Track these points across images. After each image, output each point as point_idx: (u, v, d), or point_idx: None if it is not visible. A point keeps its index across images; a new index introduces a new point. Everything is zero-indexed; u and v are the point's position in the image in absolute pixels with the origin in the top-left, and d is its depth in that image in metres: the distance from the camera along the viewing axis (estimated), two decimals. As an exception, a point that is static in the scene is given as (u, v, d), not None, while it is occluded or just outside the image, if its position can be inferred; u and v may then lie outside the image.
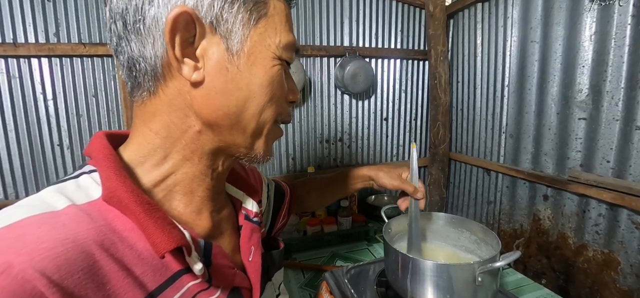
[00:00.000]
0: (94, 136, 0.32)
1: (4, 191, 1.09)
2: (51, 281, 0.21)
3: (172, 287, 0.29)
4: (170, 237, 0.28)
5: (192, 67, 0.29)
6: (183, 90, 0.30)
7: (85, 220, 0.25)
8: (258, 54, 0.31)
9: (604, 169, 0.90)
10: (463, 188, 1.48)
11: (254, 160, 0.36)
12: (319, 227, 1.16)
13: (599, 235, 0.93)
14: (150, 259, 0.28)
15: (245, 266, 0.40)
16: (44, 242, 0.22)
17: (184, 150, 0.33)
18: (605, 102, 0.88)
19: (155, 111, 0.31)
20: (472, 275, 0.52)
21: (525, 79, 1.11)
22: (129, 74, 0.31)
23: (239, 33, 0.30)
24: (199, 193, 0.35)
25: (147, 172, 0.32)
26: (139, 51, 0.29)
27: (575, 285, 1.00)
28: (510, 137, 1.20)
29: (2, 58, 1.03)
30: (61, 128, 1.12)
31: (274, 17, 0.32)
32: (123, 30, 0.29)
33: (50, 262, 0.21)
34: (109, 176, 0.28)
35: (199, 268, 0.30)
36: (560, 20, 0.98)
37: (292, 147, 1.39)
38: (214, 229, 0.37)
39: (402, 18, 1.45)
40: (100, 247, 0.25)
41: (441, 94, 1.45)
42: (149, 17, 0.28)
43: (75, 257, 0.23)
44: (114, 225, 0.27)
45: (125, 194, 0.27)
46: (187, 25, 0.28)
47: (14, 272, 0.20)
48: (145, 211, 0.28)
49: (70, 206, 0.26)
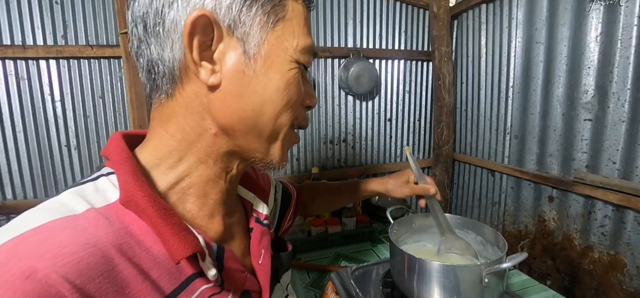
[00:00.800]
0: (111, 137, 0.33)
1: (12, 191, 1.11)
2: (74, 286, 0.21)
3: (186, 290, 0.29)
4: (186, 243, 0.28)
5: (209, 70, 0.29)
6: (200, 93, 0.30)
7: (104, 223, 0.26)
8: (275, 57, 0.31)
9: (610, 170, 0.89)
10: (467, 189, 1.48)
11: (269, 165, 0.36)
12: (323, 228, 1.17)
13: (605, 237, 0.92)
14: (166, 263, 0.28)
15: (255, 269, 0.40)
16: (66, 246, 0.22)
17: (199, 153, 0.33)
18: (611, 103, 0.88)
19: (172, 113, 0.31)
20: (479, 276, 0.52)
21: (530, 80, 1.11)
22: (148, 77, 0.32)
23: (257, 36, 0.30)
24: (212, 196, 0.35)
25: (162, 174, 0.32)
26: (157, 54, 0.30)
27: (581, 286, 0.99)
28: (515, 137, 1.19)
29: (11, 60, 1.04)
30: (69, 129, 1.13)
31: (292, 20, 0.32)
32: (143, 33, 0.30)
33: (72, 266, 0.22)
34: (127, 180, 0.28)
35: (212, 274, 0.31)
36: (566, 21, 0.97)
37: (296, 148, 1.40)
38: (226, 233, 0.37)
39: (406, 19, 1.45)
40: (119, 251, 0.25)
41: (445, 94, 1.45)
42: (168, 20, 0.28)
43: (95, 261, 0.23)
44: (131, 228, 0.27)
45: (142, 199, 0.28)
46: (205, 28, 0.28)
47: (39, 276, 0.20)
48: (161, 216, 0.28)
49: (90, 209, 0.26)
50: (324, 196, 0.72)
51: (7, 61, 1.04)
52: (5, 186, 1.10)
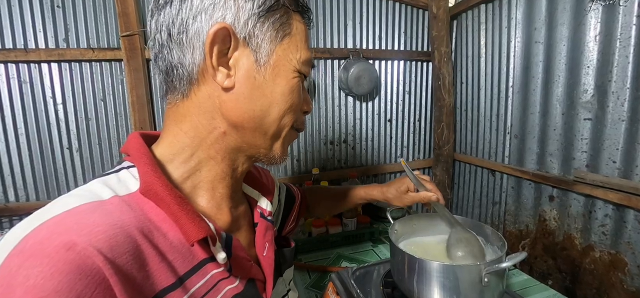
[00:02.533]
0: (130, 135, 0.36)
1: (15, 194, 1.12)
2: (107, 258, 0.24)
3: (198, 273, 0.32)
4: (200, 227, 0.31)
5: (225, 74, 0.34)
6: (213, 94, 0.34)
7: (127, 209, 0.29)
8: (281, 66, 0.36)
9: (610, 170, 0.89)
10: (467, 189, 1.48)
11: (271, 160, 0.40)
12: (324, 228, 1.17)
13: (606, 236, 0.92)
14: (180, 247, 0.31)
15: (260, 260, 0.43)
16: (98, 225, 0.25)
17: (209, 150, 0.36)
18: (611, 102, 0.88)
19: (186, 113, 0.35)
20: (479, 276, 0.53)
21: (529, 80, 1.11)
22: (166, 78, 0.35)
23: (267, 48, 0.35)
24: (219, 190, 0.39)
25: (176, 168, 0.36)
26: (178, 58, 0.33)
27: (582, 286, 0.99)
28: (515, 137, 1.20)
29: (14, 63, 1.05)
30: (70, 131, 1.14)
31: (296, 36, 0.37)
32: (167, 39, 0.33)
33: (105, 242, 0.25)
34: (146, 171, 0.32)
35: (222, 257, 0.34)
36: (565, 21, 0.98)
37: (297, 149, 1.40)
38: (233, 224, 0.41)
39: (406, 20, 1.45)
40: (141, 233, 0.28)
41: (445, 94, 1.45)
42: (192, 30, 0.32)
43: (123, 240, 0.26)
44: (150, 215, 0.30)
45: (160, 188, 0.31)
46: (225, 38, 0.32)
47: (78, 248, 0.23)
48: (178, 203, 0.31)
49: (114, 197, 0.29)
50: (327, 201, 0.77)
51: (9, 64, 1.05)
52: (8, 188, 1.11)
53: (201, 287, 0.32)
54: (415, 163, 1.59)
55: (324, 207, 0.76)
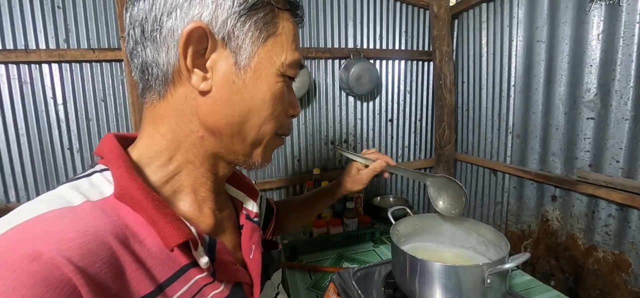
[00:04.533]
0: (104, 137, 0.34)
1: (16, 194, 1.12)
2: (77, 268, 0.22)
3: (180, 279, 0.31)
4: (179, 231, 0.30)
5: (201, 77, 0.31)
6: (190, 96, 0.32)
7: (101, 214, 0.27)
8: (263, 70, 0.33)
9: (614, 169, 0.89)
10: (469, 189, 1.47)
11: (252, 166, 0.38)
12: (325, 229, 1.17)
13: (609, 236, 0.91)
14: (159, 254, 0.29)
15: (247, 263, 0.41)
16: (68, 232, 0.23)
17: (187, 154, 0.34)
18: (614, 101, 0.87)
19: (163, 114, 0.33)
20: (481, 277, 0.52)
21: (531, 79, 1.10)
22: (141, 77, 0.33)
23: (248, 49, 0.32)
24: (201, 193, 0.37)
25: (153, 172, 0.33)
26: (152, 57, 0.31)
27: (585, 286, 0.98)
28: (516, 137, 1.19)
29: (14, 64, 1.05)
30: (71, 132, 1.14)
31: (282, 36, 0.34)
32: (140, 36, 0.31)
33: (75, 250, 0.23)
34: (121, 174, 0.29)
35: (204, 261, 0.32)
36: (567, 20, 0.97)
37: (297, 149, 1.40)
38: (217, 227, 0.39)
39: (407, 19, 1.45)
40: (116, 239, 0.26)
41: (446, 94, 1.45)
42: (166, 27, 0.30)
43: (95, 247, 0.24)
44: (126, 220, 0.28)
45: (136, 191, 0.29)
46: (200, 38, 0.30)
47: (44, 258, 0.21)
48: (155, 207, 0.29)
49: (86, 202, 0.27)
50: (295, 210, 0.72)
51: (10, 65, 1.05)
52: (9, 188, 1.11)
53: (184, 294, 0.30)
54: (417, 163, 1.59)
55: (293, 218, 0.72)
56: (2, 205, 1.10)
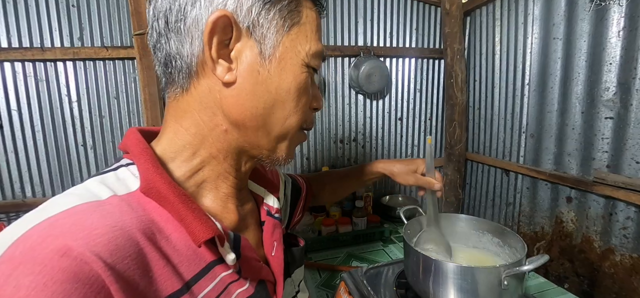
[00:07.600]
0: (128, 131, 0.33)
1: (32, 190, 1.14)
2: (106, 264, 0.22)
3: (207, 277, 0.30)
4: (207, 226, 0.29)
5: (226, 68, 0.30)
6: (214, 88, 0.31)
7: (128, 209, 0.26)
8: (288, 60, 0.32)
9: (633, 170, 0.86)
10: (480, 189, 1.45)
11: (275, 162, 0.37)
12: (334, 227, 1.16)
13: (627, 239, 0.89)
14: (185, 250, 0.29)
15: (269, 260, 0.40)
16: (97, 228, 0.23)
17: (211, 148, 0.34)
18: (635, 100, 0.84)
19: (186, 108, 0.32)
20: (498, 279, 0.51)
21: (547, 77, 1.08)
22: (165, 70, 0.33)
23: (273, 38, 0.31)
24: (223, 189, 0.36)
25: (178, 167, 0.33)
26: (176, 49, 0.31)
27: (601, 290, 0.96)
28: (530, 136, 1.16)
29: (31, 62, 1.07)
30: (85, 129, 1.16)
31: (306, 25, 0.33)
32: (164, 28, 0.30)
33: (104, 246, 0.22)
34: (147, 168, 0.29)
35: (231, 258, 0.32)
36: (585, 16, 0.94)
37: (306, 147, 1.40)
38: (240, 223, 0.38)
39: (418, 16, 1.43)
40: (144, 235, 0.26)
41: (457, 93, 1.42)
42: (190, 17, 0.29)
43: (124, 243, 0.24)
44: (152, 215, 0.28)
45: (163, 186, 0.29)
46: (225, 28, 0.29)
47: (74, 254, 0.21)
48: (183, 202, 0.29)
49: (113, 196, 0.27)
50: (332, 184, 0.72)
51: (26, 63, 1.07)
52: (25, 184, 1.13)
53: (210, 292, 0.30)
54: (426, 162, 1.57)
55: (330, 190, 0.71)
56: (19, 200, 1.13)
